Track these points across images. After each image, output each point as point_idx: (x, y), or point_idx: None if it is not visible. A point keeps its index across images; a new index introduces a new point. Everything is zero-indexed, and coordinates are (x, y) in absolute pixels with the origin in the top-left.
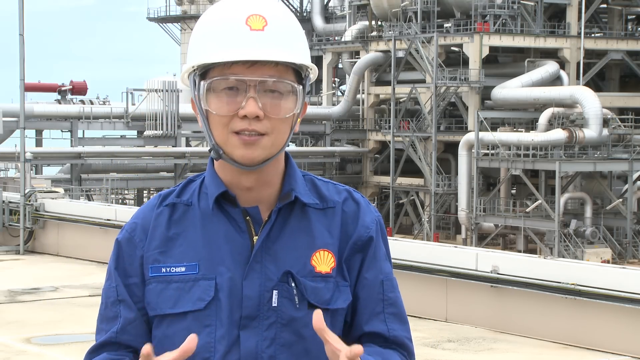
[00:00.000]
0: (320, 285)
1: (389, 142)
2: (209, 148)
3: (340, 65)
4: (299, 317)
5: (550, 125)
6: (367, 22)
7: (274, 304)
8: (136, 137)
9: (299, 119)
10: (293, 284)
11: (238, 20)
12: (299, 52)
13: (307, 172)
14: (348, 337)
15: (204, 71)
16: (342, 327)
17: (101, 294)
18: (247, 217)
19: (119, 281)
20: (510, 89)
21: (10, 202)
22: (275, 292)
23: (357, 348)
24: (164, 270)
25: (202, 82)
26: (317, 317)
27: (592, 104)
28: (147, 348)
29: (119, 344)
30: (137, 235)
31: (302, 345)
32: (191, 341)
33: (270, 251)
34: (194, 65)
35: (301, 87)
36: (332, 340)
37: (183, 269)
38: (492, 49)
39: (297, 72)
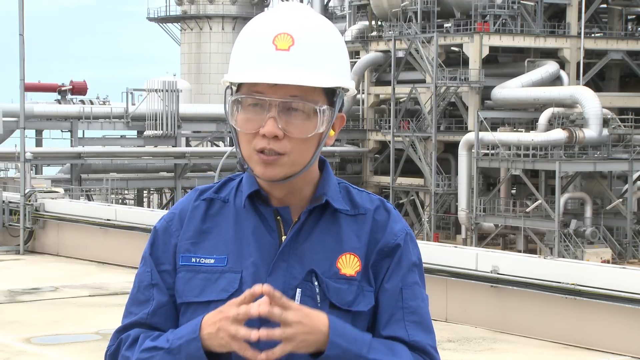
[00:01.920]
0: (343, 287)
1: (389, 142)
2: (237, 160)
3: None
4: None
5: (550, 125)
6: (367, 22)
7: (297, 302)
8: (136, 137)
9: (332, 133)
10: (316, 283)
11: (266, 38)
12: (326, 73)
13: (343, 180)
14: None
15: (238, 84)
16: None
17: (134, 279)
18: (278, 217)
19: (152, 266)
20: (510, 89)
21: (10, 202)
22: (298, 290)
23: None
24: (193, 260)
25: (229, 97)
26: (272, 292)
27: (592, 104)
28: (257, 288)
29: (149, 326)
30: (174, 225)
31: None
32: (257, 286)
33: (297, 251)
34: (226, 81)
35: (325, 107)
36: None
37: (212, 260)
38: (492, 49)
39: (329, 89)
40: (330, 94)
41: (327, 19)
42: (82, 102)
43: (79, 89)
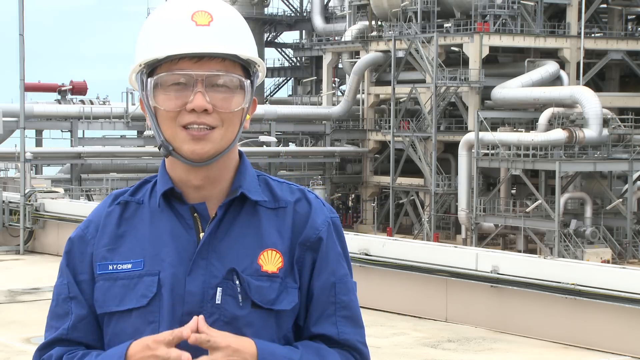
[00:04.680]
0: (265, 285)
1: (389, 142)
2: (158, 145)
3: (340, 65)
4: (242, 316)
5: (550, 125)
6: (367, 22)
7: (218, 302)
8: (136, 137)
9: (248, 116)
10: (237, 282)
11: (184, 16)
12: (245, 47)
13: (262, 172)
14: (299, 340)
15: (151, 69)
16: (290, 329)
17: (53, 291)
18: (195, 214)
19: (70, 278)
20: (510, 89)
21: (10, 202)
22: (219, 289)
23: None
24: (110, 267)
25: (149, 79)
26: (198, 321)
27: (592, 104)
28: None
29: (70, 341)
30: (89, 233)
31: None
32: (185, 331)
33: (217, 248)
34: (140, 62)
35: (249, 82)
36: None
37: (129, 265)
38: (492, 49)
39: (245, 68)
40: (247, 72)
41: None
42: (82, 102)
43: (79, 89)
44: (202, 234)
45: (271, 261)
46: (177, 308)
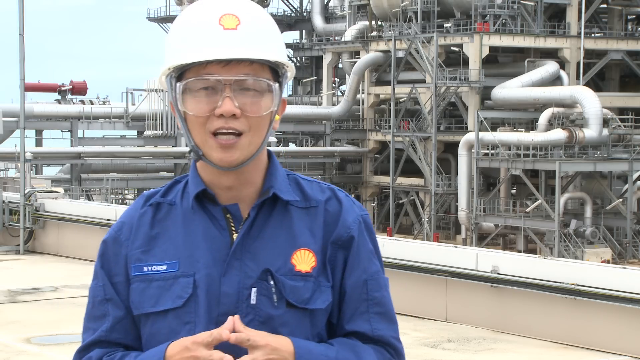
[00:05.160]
0: (299, 284)
1: (389, 142)
2: (188, 149)
3: (340, 65)
4: (277, 316)
5: (550, 125)
6: (367, 22)
7: (253, 302)
8: (136, 137)
9: (277, 117)
10: (272, 282)
11: (211, 20)
12: (273, 50)
13: (291, 172)
14: (332, 338)
15: (180, 73)
16: (323, 328)
17: (88, 293)
18: (228, 215)
19: (105, 280)
20: (510, 89)
21: (10, 202)
22: (254, 289)
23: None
24: (145, 269)
25: (178, 84)
26: (235, 321)
27: (592, 104)
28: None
29: (109, 342)
30: (123, 235)
31: None
32: (224, 333)
33: (250, 248)
34: (169, 67)
35: (277, 84)
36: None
37: (164, 267)
38: (492, 49)
39: (274, 70)
40: (275, 74)
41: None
42: (82, 102)
43: (79, 89)
44: (235, 235)
45: (304, 261)
46: (213, 309)
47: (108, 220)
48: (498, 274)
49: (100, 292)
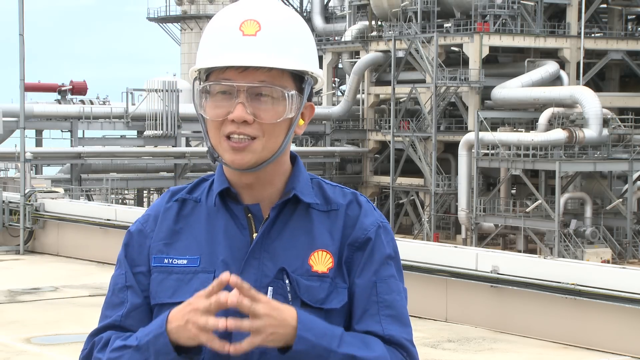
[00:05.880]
0: (315, 285)
1: (389, 142)
2: (206, 151)
3: (340, 65)
4: None
5: (550, 125)
6: (367, 22)
7: None
8: (136, 137)
9: (302, 122)
10: (287, 281)
11: (233, 25)
12: (293, 57)
13: (315, 176)
14: None
15: (206, 75)
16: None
17: (109, 282)
18: (249, 214)
19: (127, 268)
20: (510, 89)
21: (10, 202)
22: (270, 288)
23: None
24: (166, 261)
25: (196, 86)
26: (242, 286)
27: (592, 104)
28: (226, 275)
29: (123, 328)
30: (148, 226)
31: None
32: (224, 274)
33: (269, 248)
34: (195, 69)
35: (294, 92)
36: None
37: (185, 261)
38: (492, 49)
39: (299, 76)
40: (299, 81)
41: (294, 10)
42: (82, 102)
43: (79, 89)
44: (255, 234)
45: (322, 261)
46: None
47: (108, 220)
48: (498, 274)
49: (121, 280)
